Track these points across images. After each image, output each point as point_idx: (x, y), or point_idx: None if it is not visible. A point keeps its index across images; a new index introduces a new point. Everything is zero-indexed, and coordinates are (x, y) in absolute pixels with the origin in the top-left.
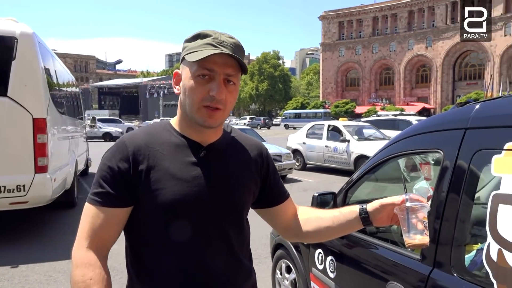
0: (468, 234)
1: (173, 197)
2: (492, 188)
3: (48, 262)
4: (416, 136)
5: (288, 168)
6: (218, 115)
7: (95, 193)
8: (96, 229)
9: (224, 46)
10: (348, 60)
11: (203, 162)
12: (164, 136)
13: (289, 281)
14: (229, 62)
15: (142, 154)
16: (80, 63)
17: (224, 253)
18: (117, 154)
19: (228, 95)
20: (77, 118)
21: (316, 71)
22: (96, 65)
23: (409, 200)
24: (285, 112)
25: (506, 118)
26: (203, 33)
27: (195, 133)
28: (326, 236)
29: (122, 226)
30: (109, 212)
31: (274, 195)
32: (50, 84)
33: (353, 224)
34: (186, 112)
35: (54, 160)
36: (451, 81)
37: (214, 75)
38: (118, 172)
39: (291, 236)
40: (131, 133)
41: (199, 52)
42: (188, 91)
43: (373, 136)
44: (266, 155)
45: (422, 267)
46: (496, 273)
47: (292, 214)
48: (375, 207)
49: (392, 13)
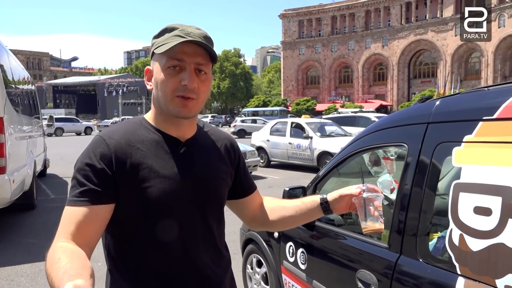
0: (432, 222)
1: (161, 194)
2: (452, 178)
3: (10, 266)
4: (382, 131)
5: (253, 165)
6: (192, 105)
7: (78, 193)
8: (79, 228)
9: (192, 36)
10: (308, 58)
11: (184, 158)
12: (142, 133)
13: (260, 275)
14: (198, 51)
15: (124, 153)
16: (33, 60)
17: (209, 246)
18: (97, 152)
19: (200, 85)
20: (34, 117)
21: (277, 69)
22: (51, 62)
23: (365, 191)
24: (244, 110)
25: (465, 113)
26: (169, 27)
27: (172, 127)
28: (290, 224)
29: (105, 224)
30: (94, 210)
31: (243, 186)
32: (6, 81)
33: (314, 212)
34: (161, 105)
35: (12, 161)
36: (406, 79)
37: (184, 65)
38: (101, 170)
39: (257, 226)
40: (108, 131)
41: (167, 44)
42: (160, 84)
43: (335, 132)
44: (237, 147)
45: (389, 254)
46: (458, 256)
47: (259, 204)
48: (334, 197)
49: (350, 12)
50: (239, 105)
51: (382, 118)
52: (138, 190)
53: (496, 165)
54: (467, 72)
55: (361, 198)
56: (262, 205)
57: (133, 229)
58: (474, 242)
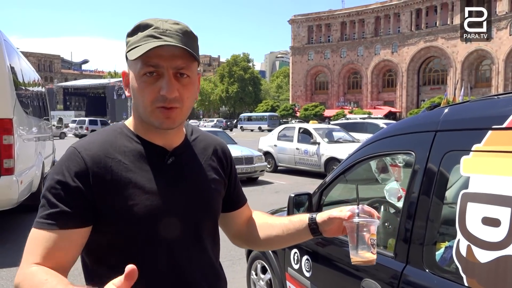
0: (439, 231)
1: (148, 213)
2: (460, 187)
3: (15, 267)
4: (389, 138)
5: (260, 170)
6: (176, 115)
7: (46, 215)
8: (50, 255)
9: (168, 35)
10: (317, 64)
11: (172, 170)
12: (123, 142)
13: (265, 282)
14: (177, 52)
15: (102, 167)
16: (44, 62)
17: (204, 264)
18: (72, 168)
19: (183, 91)
20: (43, 118)
21: (286, 74)
22: (61, 65)
23: (358, 215)
24: (241, 115)
25: (474, 121)
26: (143, 24)
27: (157, 136)
28: (276, 245)
29: (81, 248)
30: (65, 235)
31: (234, 199)
32: (16, 83)
33: (302, 233)
34: (141, 116)
35: (21, 162)
36: (415, 86)
37: (162, 71)
38: (76, 188)
39: (240, 243)
40: (84, 141)
41: (139, 47)
42: (137, 93)
43: (342, 138)
44: (229, 153)
45: (395, 264)
46: (465, 267)
47: (246, 219)
48: (323, 219)
49: (359, 18)
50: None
51: (390, 125)
52: (121, 210)
53: (506, 175)
54: (477, 79)
55: (352, 223)
56: (250, 220)
57: (116, 254)
58: (482, 253)
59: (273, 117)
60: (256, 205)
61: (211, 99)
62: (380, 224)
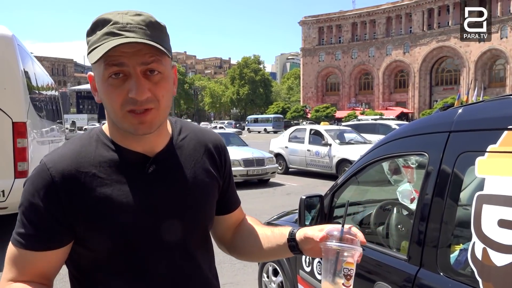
0: (453, 234)
1: (124, 231)
2: (475, 189)
3: None
4: (402, 139)
5: (271, 172)
6: (151, 117)
7: (18, 234)
8: (26, 270)
9: (129, 30)
10: (328, 65)
11: (154, 180)
12: (99, 152)
13: (276, 284)
14: (142, 48)
15: (74, 184)
16: (58, 67)
17: (193, 279)
18: (40, 187)
19: (155, 89)
20: (57, 122)
21: (297, 75)
22: (75, 69)
23: (334, 238)
24: (248, 117)
25: (488, 121)
26: (100, 19)
27: (135, 142)
28: (256, 257)
29: (62, 263)
30: (39, 255)
31: (226, 201)
32: (30, 87)
33: (282, 249)
34: (114, 122)
35: (35, 165)
36: (428, 86)
37: (128, 70)
38: (44, 209)
39: (224, 249)
40: (55, 154)
41: (99, 47)
42: (104, 97)
43: (354, 140)
44: (223, 149)
45: (409, 267)
46: (481, 271)
47: (235, 225)
48: (300, 237)
49: (370, 19)
50: (258, 112)
51: (402, 126)
52: (97, 229)
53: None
54: (491, 79)
55: (326, 246)
56: (240, 225)
57: (96, 277)
58: (498, 256)
59: (278, 119)
60: (267, 207)
61: (222, 101)
62: (393, 226)
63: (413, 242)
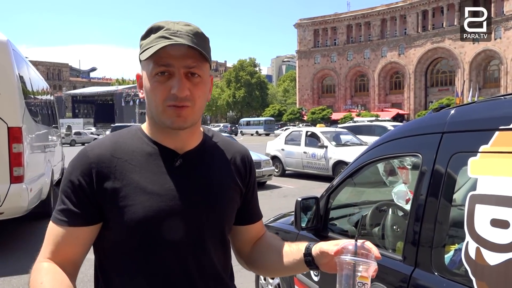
0: (447, 234)
1: (145, 214)
2: (468, 189)
3: (26, 274)
4: (396, 141)
5: (268, 174)
6: (187, 113)
7: (58, 211)
8: (60, 249)
9: (179, 36)
10: (323, 67)
11: (179, 172)
12: (134, 143)
13: (273, 286)
14: (188, 52)
15: (107, 166)
16: (53, 71)
17: (206, 276)
18: (78, 167)
19: (194, 90)
20: (52, 126)
21: (293, 78)
22: (70, 73)
23: (349, 252)
24: (240, 120)
25: (481, 122)
26: (154, 26)
27: (169, 138)
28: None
29: (89, 245)
30: (72, 232)
31: (248, 212)
32: (25, 92)
33: (299, 265)
34: (153, 116)
35: (30, 170)
36: (423, 88)
37: (173, 70)
38: (79, 187)
39: (241, 262)
40: (96, 141)
41: (151, 48)
42: (149, 93)
43: (350, 142)
44: (250, 162)
45: (404, 267)
46: (474, 270)
47: (254, 238)
48: (316, 252)
49: (365, 21)
50: (254, 114)
51: (397, 128)
52: (120, 209)
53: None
54: (486, 80)
55: (340, 260)
56: (260, 240)
57: (118, 253)
58: (491, 255)
59: (269, 122)
60: (265, 210)
61: (218, 104)
62: (389, 227)
63: (408, 242)
